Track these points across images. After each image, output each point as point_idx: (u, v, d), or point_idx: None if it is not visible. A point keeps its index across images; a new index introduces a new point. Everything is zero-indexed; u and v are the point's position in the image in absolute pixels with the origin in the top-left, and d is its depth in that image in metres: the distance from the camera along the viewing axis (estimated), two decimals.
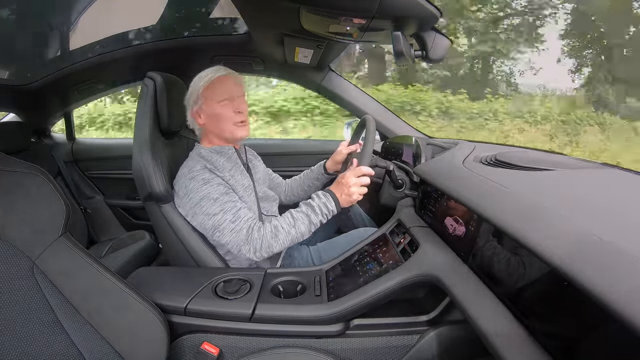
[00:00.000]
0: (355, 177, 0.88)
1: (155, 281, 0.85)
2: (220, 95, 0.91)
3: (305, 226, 0.86)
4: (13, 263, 0.58)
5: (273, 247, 0.84)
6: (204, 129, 0.97)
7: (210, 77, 0.91)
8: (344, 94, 1.45)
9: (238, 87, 0.94)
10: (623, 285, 0.33)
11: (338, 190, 0.89)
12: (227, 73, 0.93)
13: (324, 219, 0.88)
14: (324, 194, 0.89)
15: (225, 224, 0.84)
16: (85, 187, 1.77)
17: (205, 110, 0.92)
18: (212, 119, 0.92)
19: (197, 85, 0.92)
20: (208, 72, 0.94)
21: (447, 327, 0.72)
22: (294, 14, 0.83)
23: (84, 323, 0.62)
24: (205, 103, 0.92)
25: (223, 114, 0.91)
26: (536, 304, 0.47)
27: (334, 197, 0.89)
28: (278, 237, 0.84)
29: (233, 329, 0.75)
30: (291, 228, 0.85)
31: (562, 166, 0.69)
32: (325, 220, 0.89)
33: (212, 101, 0.91)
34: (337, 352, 0.74)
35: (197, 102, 0.93)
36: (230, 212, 0.85)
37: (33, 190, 0.62)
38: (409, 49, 0.79)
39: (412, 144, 1.18)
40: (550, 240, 0.42)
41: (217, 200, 0.85)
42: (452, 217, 0.71)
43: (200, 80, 0.92)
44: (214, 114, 0.92)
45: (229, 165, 0.95)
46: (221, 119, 0.92)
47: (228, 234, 0.84)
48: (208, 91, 0.91)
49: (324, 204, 0.88)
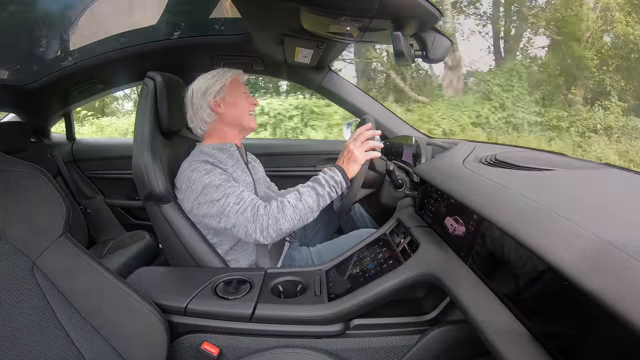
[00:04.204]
0: (356, 141, 0.90)
1: (155, 281, 0.85)
2: (243, 88, 1.03)
3: (312, 199, 0.85)
4: (13, 263, 0.58)
5: (281, 223, 0.82)
6: (211, 126, 0.99)
7: (234, 72, 1.02)
8: (344, 94, 1.45)
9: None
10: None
11: (342, 160, 0.91)
12: (239, 72, 1.04)
13: (332, 191, 0.87)
14: (329, 168, 0.90)
15: (229, 206, 0.83)
16: (85, 187, 1.77)
17: (228, 100, 0.98)
18: (233, 107, 0.99)
19: (221, 78, 0.98)
20: (225, 69, 1.01)
21: (447, 327, 0.72)
22: (294, 14, 0.83)
23: (84, 323, 0.62)
24: (229, 93, 0.99)
25: (244, 104, 1.01)
26: (536, 304, 0.47)
27: (339, 169, 0.89)
28: (285, 212, 0.82)
29: (233, 329, 0.75)
30: (298, 202, 0.84)
31: (562, 166, 0.69)
32: (334, 194, 0.88)
33: (236, 92, 1.00)
34: (337, 352, 0.74)
35: (220, 92, 0.97)
36: (233, 194, 0.84)
37: (33, 190, 0.62)
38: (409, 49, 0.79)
39: (412, 144, 1.18)
40: (559, 249, 0.42)
41: (220, 186, 0.85)
42: (452, 217, 0.71)
43: (225, 74, 0.99)
44: (235, 103, 0.99)
45: (231, 162, 0.95)
46: (241, 108, 1.01)
47: (233, 216, 0.83)
48: (234, 83, 1.00)
49: (331, 176, 0.87)
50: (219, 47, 1.34)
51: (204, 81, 0.98)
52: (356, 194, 0.93)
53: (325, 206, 0.88)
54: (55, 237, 0.62)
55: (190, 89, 0.99)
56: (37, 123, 1.67)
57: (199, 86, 0.97)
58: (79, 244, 0.65)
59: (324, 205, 0.87)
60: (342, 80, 1.45)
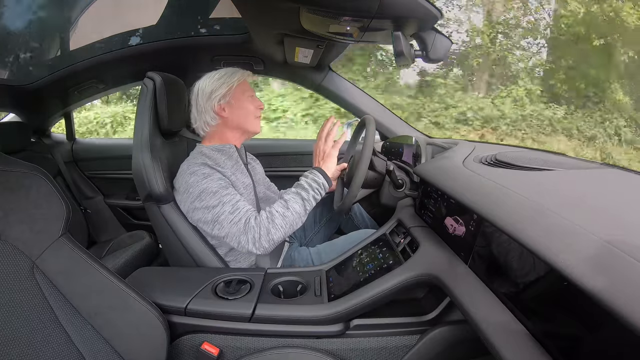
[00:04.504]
0: (320, 139, 0.97)
1: (155, 281, 0.85)
2: (250, 91, 1.00)
3: (299, 205, 0.86)
4: (13, 263, 0.58)
5: (272, 233, 0.82)
6: (213, 129, 0.98)
7: (241, 75, 0.99)
8: (344, 94, 1.45)
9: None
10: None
11: (316, 161, 0.97)
12: (248, 73, 1.01)
13: (316, 194, 0.89)
14: (309, 172, 0.93)
15: (224, 215, 0.84)
16: (85, 187, 1.77)
17: (234, 103, 0.96)
18: (238, 111, 0.97)
19: (228, 81, 0.95)
20: (233, 70, 0.98)
21: (447, 327, 0.72)
22: (294, 14, 0.83)
23: (84, 323, 0.62)
24: (235, 97, 0.96)
25: (249, 108, 0.99)
26: (536, 304, 0.47)
27: (318, 170, 0.92)
28: (275, 221, 0.83)
29: (233, 329, 0.75)
30: (285, 210, 0.85)
31: (562, 166, 0.69)
32: (318, 196, 0.90)
33: (243, 96, 0.98)
34: (337, 352, 0.74)
35: (225, 97, 0.95)
36: (229, 203, 0.84)
37: (33, 191, 0.62)
38: (409, 49, 0.79)
39: (412, 144, 1.18)
40: (559, 249, 0.41)
41: (217, 193, 0.85)
42: (452, 217, 0.71)
43: (232, 76, 0.96)
44: (242, 107, 0.97)
45: (230, 163, 0.95)
46: (247, 112, 0.98)
47: (227, 225, 0.83)
48: (241, 87, 0.97)
49: (312, 179, 0.90)
50: (219, 47, 1.33)
51: (211, 82, 0.95)
52: (356, 194, 0.93)
53: (311, 209, 0.90)
54: (55, 237, 0.62)
55: (196, 88, 0.97)
56: (37, 123, 1.67)
57: (204, 87, 0.95)
58: (79, 244, 0.65)
59: (310, 208, 0.88)
60: (342, 80, 1.45)
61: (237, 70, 0.99)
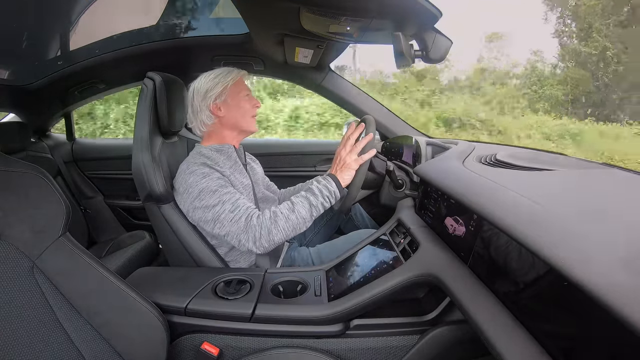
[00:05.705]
0: (346, 147, 0.91)
1: (155, 281, 0.85)
2: (245, 90, 0.99)
3: (305, 210, 0.84)
4: (13, 263, 0.58)
5: (273, 234, 0.81)
6: (210, 128, 0.98)
7: (237, 74, 0.98)
8: (344, 94, 1.45)
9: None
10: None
11: (334, 168, 0.91)
12: (244, 72, 1.00)
13: (325, 201, 0.86)
14: (323, 177, 0.90)
15: (224, 214, 0.83)
16: (85, 187, 1.77)
17: (230, 102, 0.96)
18: (234, 110, 0.97)
19: (223, 80, 0.95)
20: (228, 69, 0.98)
21: (447, 327, 0.72)
22: (294, 14, 0.83)
23: (84, 323, 0.62)
24: (230, 96, 0.96)
25: (245, 107, 0.98)
26: (536, 304, 0.47)
27: (333, 178, 0.89)
28: (277, 222, 0.82)
29: (233, 329, 0.75)
30: (290, 213, 0.83)
31: (562, 166, 0.69)
32: (327, 204, 0.87)
33: (239, 95, 0.97)
34: (337, 352, 0.74)
35: (221, 96, 0.95)
36: (229, 202, 0.84)
37: (33, 191, 0.62)
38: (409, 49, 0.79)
39: (412, 144, 1.18)
40: (559, 249, 0.41)
41: (216, 192, 0.85)
42: (452, 217, 0.71)
43: (227, 75, 0.96)
44: (237, 106, 0.97)
45: (229, 164, 0.95)
46: (243, 111, 0.98)
47: (227, 224, 0.83)
48: (236, 86, 0.97)
49: (324, 185, 0.87)
50: (219, 47, 1.33)
51: (206, 82, 0.95)
52: (356, 195, 0.93)
53: (318, 215, 0.88)
54: (55, 237, 0.62)
55: (192, 88, 0.97)
56: (37, 123, 1.67)
57: (199, 87, 0.95)
58: (79, 244, 0.65)
59: (317, 215, 0.87)
60: (342, 80, 1.45)
61: (232, 69, 0.99)
